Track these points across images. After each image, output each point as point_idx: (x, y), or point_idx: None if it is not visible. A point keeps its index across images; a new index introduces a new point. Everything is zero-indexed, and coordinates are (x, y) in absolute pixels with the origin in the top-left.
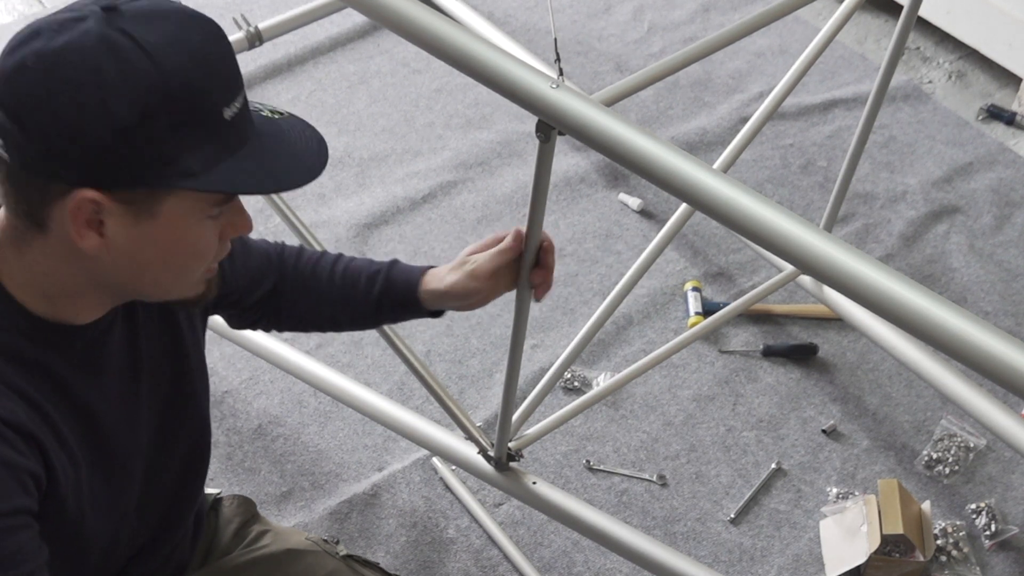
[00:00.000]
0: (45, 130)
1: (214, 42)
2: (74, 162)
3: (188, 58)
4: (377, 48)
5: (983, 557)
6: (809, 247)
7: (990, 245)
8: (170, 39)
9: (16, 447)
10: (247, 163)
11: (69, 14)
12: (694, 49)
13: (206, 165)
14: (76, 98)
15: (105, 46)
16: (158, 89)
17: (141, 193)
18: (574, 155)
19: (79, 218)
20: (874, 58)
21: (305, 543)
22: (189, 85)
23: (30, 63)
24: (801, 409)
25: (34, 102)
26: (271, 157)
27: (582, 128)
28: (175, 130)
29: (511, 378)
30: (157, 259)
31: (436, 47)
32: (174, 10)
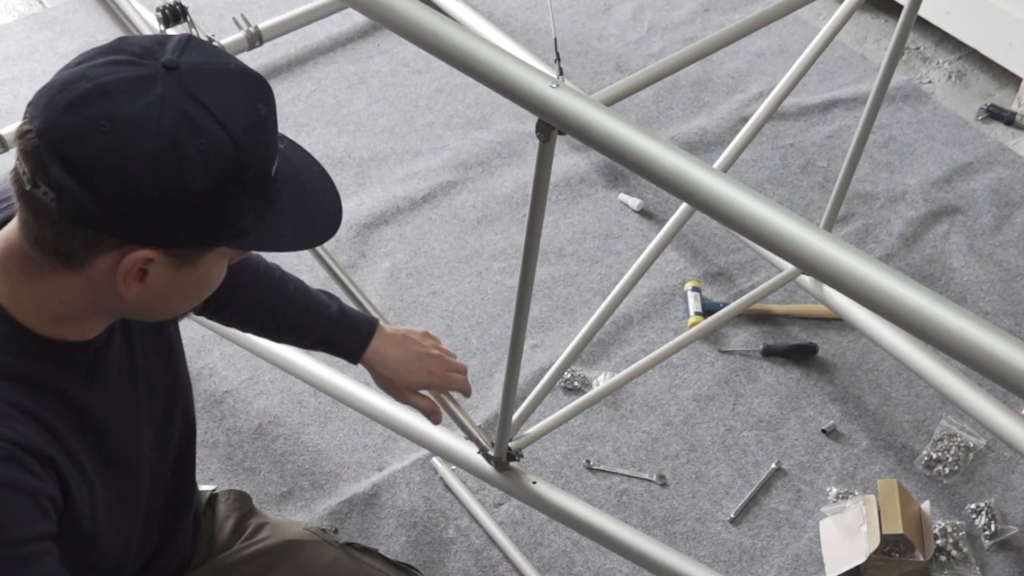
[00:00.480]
0: (115, 193)
1: (270, 104)
2: (139, 224)
3: (257, 128)
4: (377, 48)
5: (983, 557)
6: (809, 247)
7: (990, 245)
8: (238, 107)
9: (34, 471)
10: (284, 218)
11: (132, 71)
12: (694, 49)
13: (255, 223)
14: (154, 169)
15: (182, 116)
16: (232, 163)
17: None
18: (574, 155)
19: (131, 273)
20: (874, 58)
21: (304, 533)
22: (256, 155)
23: (105, 127)
24: (801, 409)
25: (107, 166)
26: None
27: (582, 128)
28: (241, 196)
29: (511, 378)
30: (183, 296)
31: (436, 47)
32: (234, 71)
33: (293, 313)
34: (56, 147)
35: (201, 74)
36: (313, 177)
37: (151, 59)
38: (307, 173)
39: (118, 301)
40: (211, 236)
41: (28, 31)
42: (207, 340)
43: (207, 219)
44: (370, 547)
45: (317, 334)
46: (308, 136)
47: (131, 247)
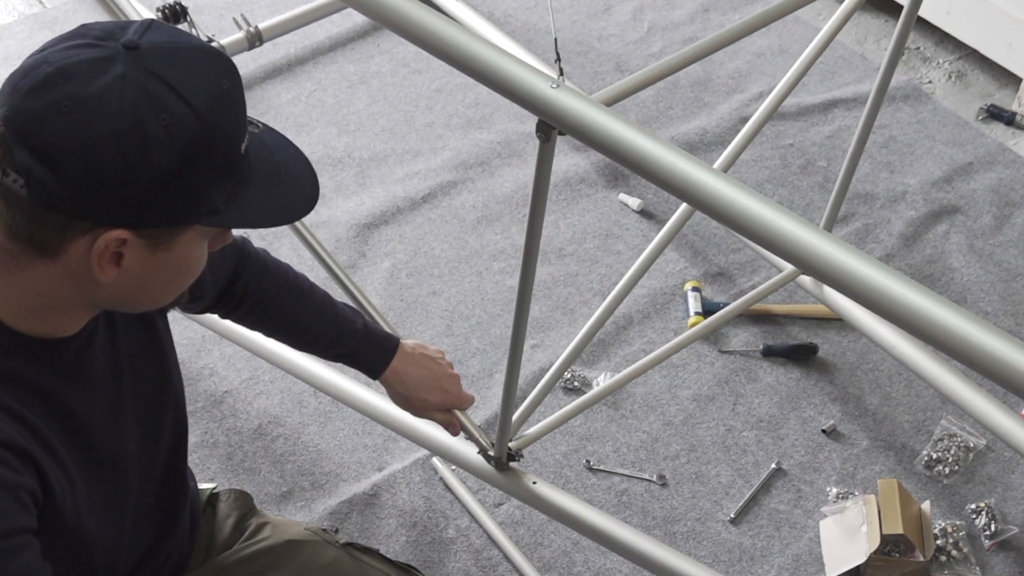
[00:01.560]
0: (81, 175)
1: (235, 81)
2: (109, 205)
3: (220, 102)
4: (377, 48)
5: (983, 557)
6: (809, 247)
7: (990, 245)
8: (201, 83)
9: (11, 465)
10: (258, 194)
11: (92, 52)
12: (694, 49)
13: (227, 201)
14: (118, 147)
15: (144, 93)
16: (198, 137)
17: (162, 228)
18: (574, 155)
19: (105, 255)
20: (874, 58)
21: (305, 533)
22: (222, 129)
23: (67, 108)
24: (801, 409)
25: (72, 148)
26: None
27: (582, 128)
28: (208, 172)
29: (511, 378)
30: (162, 281)
31: (436, 47)
32: (195, 48)
33: (320, 325)
34: (21, 132)
35: (162, 52)
36: (289, 158)
37: (111, 41)
38: (283, 154)
39: (97, 289)
40: (181, 214)
41: (28, 31)
42: (207, 340)
43: (176, 196)
44: (371, 547)
45: (342, 348)
46: (308, 136)
47: (103, 229)
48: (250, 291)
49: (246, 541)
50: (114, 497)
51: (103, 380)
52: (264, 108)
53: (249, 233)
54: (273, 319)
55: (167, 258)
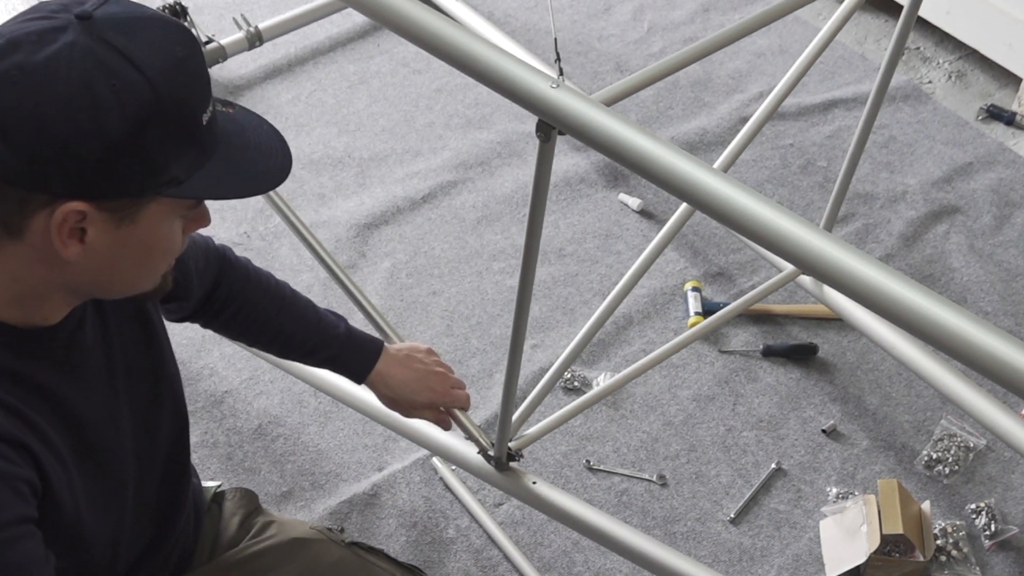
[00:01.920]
0: (32, 144)
1: (192, 50)
2: (62, 175)
3: (173, 69)
4: (377, 48)
5: (983, 557)
6: (809, 247)
7: (990, 245)
8: (154, 50)
9: (7, 457)
10: (223, 166)
11: (44, 23)
12: (694, 49)
13: (188, 171)
14: (67, 114)
15: (93, 60)
16: (150, 103)
17: (125, 201)
18: (574, 155)
19: (64, 228)
20: (874, 58)
21: (310, 532)
22: (176, 96)
23: (15, 76)
24: (801, 409)
25: (21, 116)
26: (244, 159)
27: (582, 128)
28: (164, 141)
29: (511, 378)
30: (132, 260)
31: (436, 47)
32: (150, 17)
33: (302, 330)
34: None
35: (114, 21)
36: (262, 136)
37: (65, 13)
38: (255, 132)
39: (67, 270)
40: (139, 184)
41: None
42: (207, 340)
43: (129, 164)
44: (376, 547)
45: (325, 353)
46: (308, 136)
47: (60, 202)
48: (232, 296)
49: (252, 539)
50: (112, 491)
51: (96, 372)
52: (264, 108)
53: (249, 233)
54: (256, 325)
55: (132, 234)
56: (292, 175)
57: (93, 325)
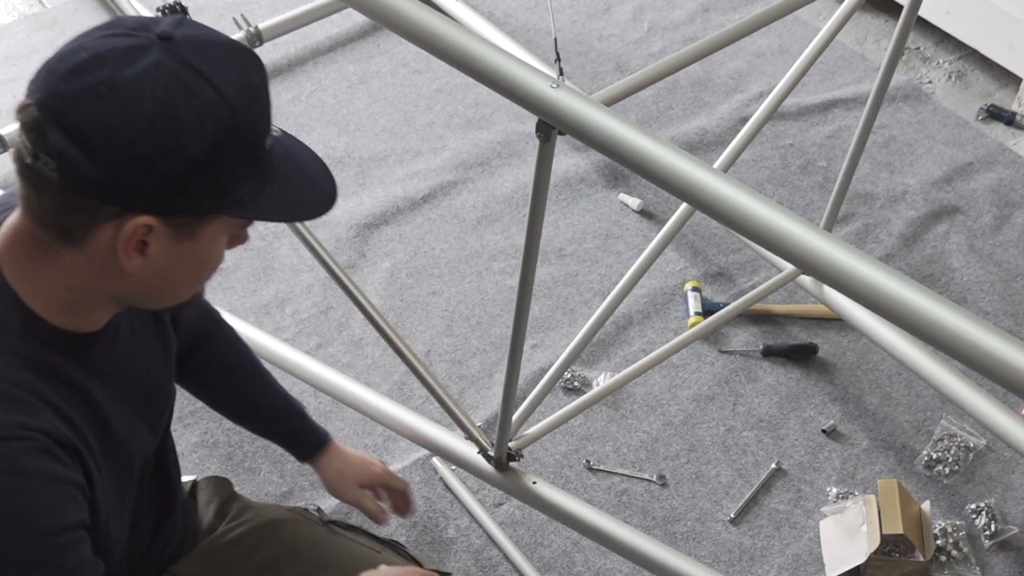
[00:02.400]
0: (114, 158)
1: (261, 75)
2: (139, 189)
3: (248, 94)
4: (377, 48)
5: (983, 557)
6: (809, 247)
7: (990, 245)
8: (232, 74)
9: (64, 462)
10: (281, 190)
11: (127, 40)
12: (694, 49)
13: (252, 195)
14: (151, 132)
15: (177, 80)
16: (227, 126)
17: (192, 218)
18: (574, 155)
19: (132, 241)
20: (874, 58)
21: (287, 513)
22: (249, 121)
23: (102, 91)
24: (801, 409)
25: (105, 130)
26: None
27: (582, 128)
28: (235, 163)
29: (511, 378)
30: (185, 275)
31: (436, 47)
32: (224, 42)
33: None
34: (55, 114)
35: (194, 43)
36: (307, 160)
37: (146, 31)
38: (301, 155)
39: (122, 280)
40: (208, 203)
41: (28, 31)
42: None
43: (203, 184)
44: (354, 524)
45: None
46: (308, 136)
47: (131, 215)
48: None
49: (230, 523)
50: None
51: (123, 378)
52: None
53: (251, 233)
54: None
55: (191, 249)
56: None
57: (125, 333)
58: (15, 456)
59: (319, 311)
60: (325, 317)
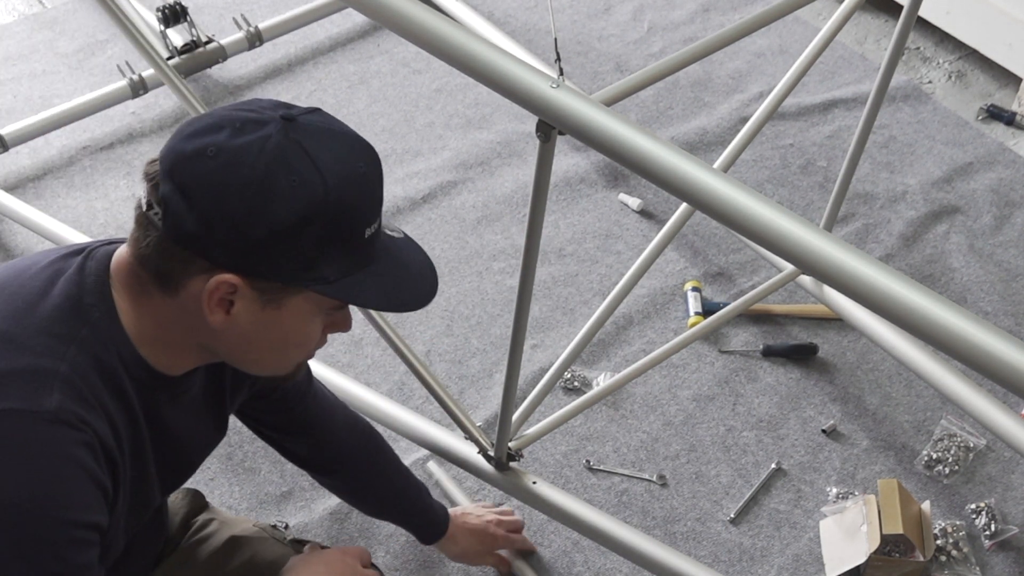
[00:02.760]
0: (210, 213)
1: (373, 168)
2: (227, 247)
3: (351, 181)
4: (377, 48)
5: (983, 557)
6: (809, 247)
7: (990, 245)
8: (339, 160)
9: (102, 466)
10: (372, 280)
11: (252, 114)
12: (694, 49)
13: (338, 275)
14: (244, 194)
15: (281, 155)
16: (319, 204)
17: (276, 286)
18: (574, 155)
19: (215, 296)
20: (874, 58)
21: (252, 530)
22: (345, 205)
23: (210, 153)
24: (801, 409)
25: (207, 188)
26: (392, 279)
27: (582, 128)
28: (322, 240)
29: (511, 378)
30: (267, 343)
31: (436, 47)
32: (344, 132)
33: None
34: (171, 168)
35: (313, 128)
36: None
37: (273, 111)
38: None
39: (208, 334)
40: (290, 272)
41: (28, 31)
42: None
43: (286, 252)
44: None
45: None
46: None
47: (218, 271)
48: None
49: (192, 537)
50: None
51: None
52: None
53: None
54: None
55: (275, 319)
56: None
57: (193, 399)
58: (65, 442)
59: None
60: None
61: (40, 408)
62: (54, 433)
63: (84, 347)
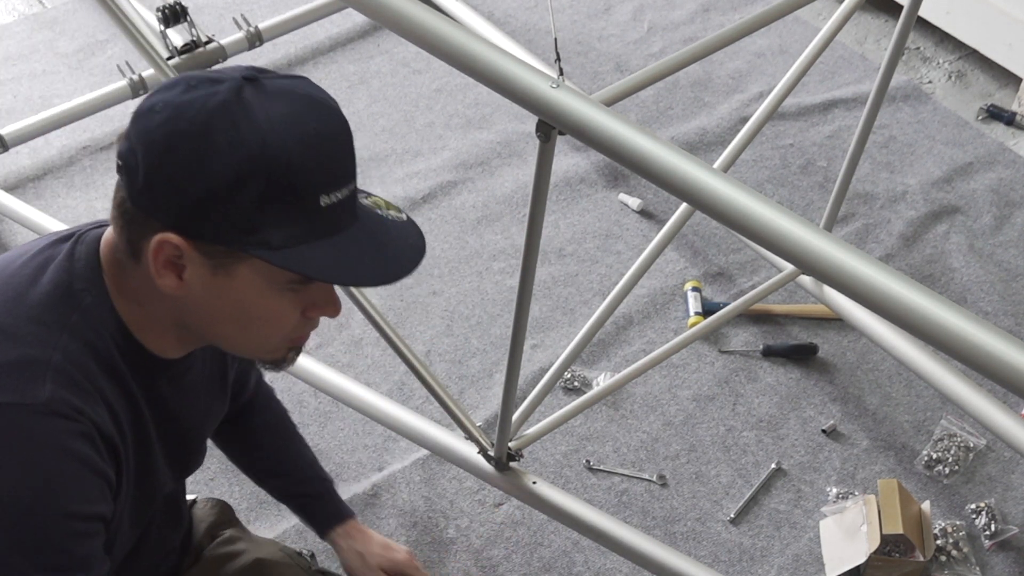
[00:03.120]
0: (153, 172)
1: (328, 130)
2: (169, 207)
3: (296, 139)
4: (377, 48)
5: (983, 557)
6: (809, 247)
7: (990, 245)
8: (287, 117)
9: (102, 455)
10: (328, 251)
11: (212, 74)
12: (694, 49)
13: (286, 243)
14: (182, 151)
15: (223, 111)
16: (256, 160)
17: (220, 250)
18: (574, 155)
19: (159, 257)
20: (874, 58)
21: (277, 554)
22: (286, 164)
23: (158, 108)
24: (801, 409)
25: (150, 144)
26: (355, 252)
27: (582, 128)
28: (263, 202)
29: (511, 378)
30: (228, 316)
31: (436, 47)
32: (307, 94)
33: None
34: (129, 124)
35: (273, 88)
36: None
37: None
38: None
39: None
40: (229, 234)
41: (28, 31)
42: None
43: (225, 213)
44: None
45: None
46: None
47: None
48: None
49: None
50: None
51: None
52: None
53: None
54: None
55: (228, 287)
56: None
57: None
58: (60, 433)
59: None
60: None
61: (33, 400)
62: (48, 425)
63: (76, 334)
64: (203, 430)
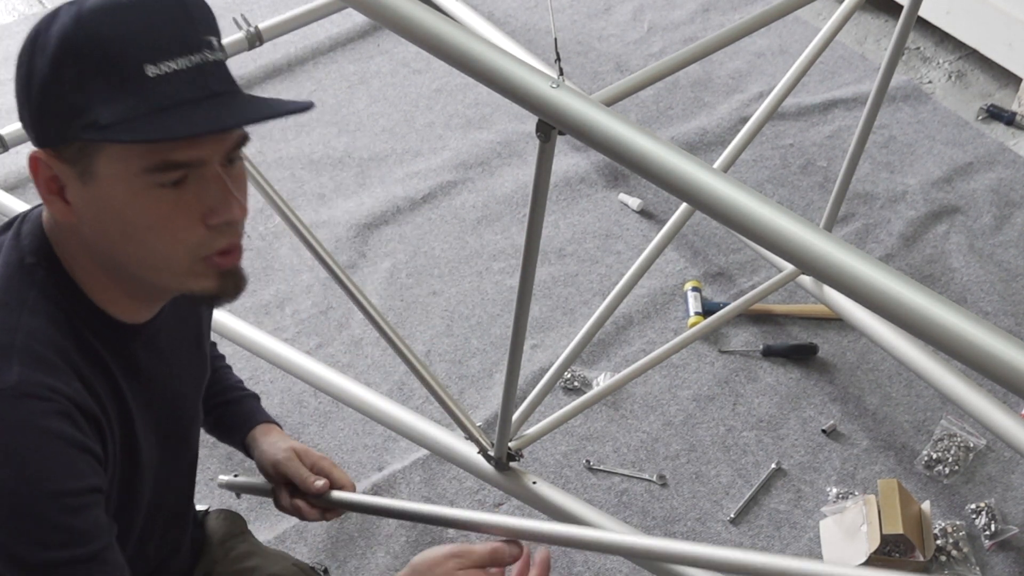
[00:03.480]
0: (16, 99)
1: (151, 2)
2: (26, 124)
3: (108, 13)
4: (377, 48)
5: (983, 557)
6: (809, 247)
7: (990, 245)
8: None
9: (83, 430)
10: (158, 117)
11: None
12: (694, 49)
13: (118, 118)
14: (20, 63)
15: (53, 12)
16: (69, 39)
17: (73, 151)
18: (574, 155)
19: (39, 180)
20: (874, 58)
21: (291, 569)
22: (99, 37)
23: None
24: (801, 409)
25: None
26: (186, 113)
27: (582, 128)
28: (82, 79)
29: (511, 378)
30: (119, 233)
31: (436, 47)
32: None
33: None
34: None
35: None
36: (244, 103)
37: None
38: (245, 102)
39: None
40: (61, 124)
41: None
42: None
43: (56, 104)
44: None
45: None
46: (308, 136)
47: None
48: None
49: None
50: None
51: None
52: None
53: (249, 233)
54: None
55: (100, 195)
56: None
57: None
58: (35, 415)
59: (319, 311)
60: (325, 317)
61: (2, 386)
62: (22, 408)
63: (36, 311)
64: (192, 397)
